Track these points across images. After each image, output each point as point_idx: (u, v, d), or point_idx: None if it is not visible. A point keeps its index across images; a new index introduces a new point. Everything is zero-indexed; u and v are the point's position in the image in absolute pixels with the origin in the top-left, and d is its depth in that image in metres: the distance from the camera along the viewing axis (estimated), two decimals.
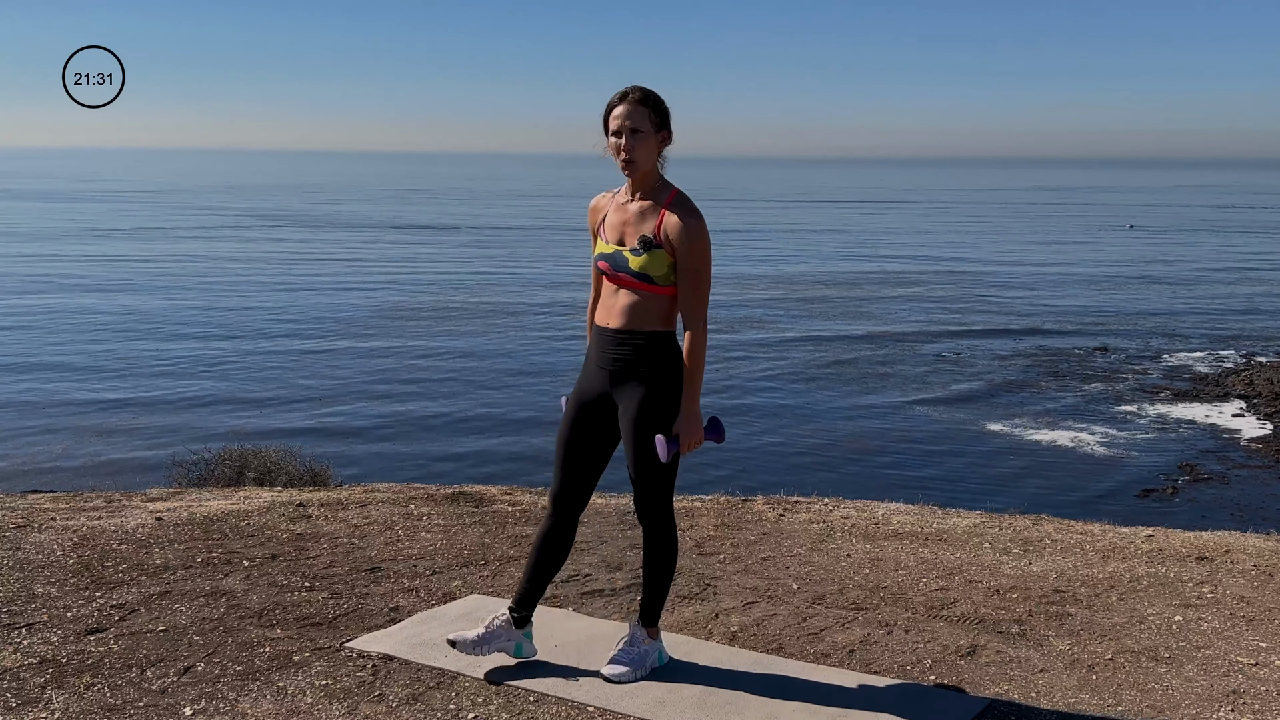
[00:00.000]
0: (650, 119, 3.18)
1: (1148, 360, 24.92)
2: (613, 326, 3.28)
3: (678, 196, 3.24)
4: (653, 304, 3.24)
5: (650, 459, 3.28)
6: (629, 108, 3.17)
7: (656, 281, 3.21)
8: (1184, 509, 14.55)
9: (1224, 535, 5.32)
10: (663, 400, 3.26)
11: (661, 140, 3.22)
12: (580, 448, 3.39)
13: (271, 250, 47.00)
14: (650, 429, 3.26)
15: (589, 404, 3.37)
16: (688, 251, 3.17)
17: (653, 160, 3.22)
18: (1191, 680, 3.49)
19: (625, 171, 3.22)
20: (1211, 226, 73.03)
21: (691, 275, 3.19)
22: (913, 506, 5.86)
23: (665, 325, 3.26)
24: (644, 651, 3.42)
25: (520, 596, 3.48)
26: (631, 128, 3.16)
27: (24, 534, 4.78)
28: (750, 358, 24.49)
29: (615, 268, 3.26)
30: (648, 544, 3.42)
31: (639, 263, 3.20)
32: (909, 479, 15.54)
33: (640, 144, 3.17)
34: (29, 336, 25.44)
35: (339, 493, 6.03)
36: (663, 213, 3.21)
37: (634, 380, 3.27)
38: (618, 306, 3.27)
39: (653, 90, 3.21)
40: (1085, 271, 43.43)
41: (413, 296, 33.77)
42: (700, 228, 3.18)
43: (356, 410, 19.51)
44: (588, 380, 3.38)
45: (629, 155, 3.17)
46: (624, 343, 3.26)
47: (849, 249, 53.00)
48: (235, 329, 27.00)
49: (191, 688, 3.29)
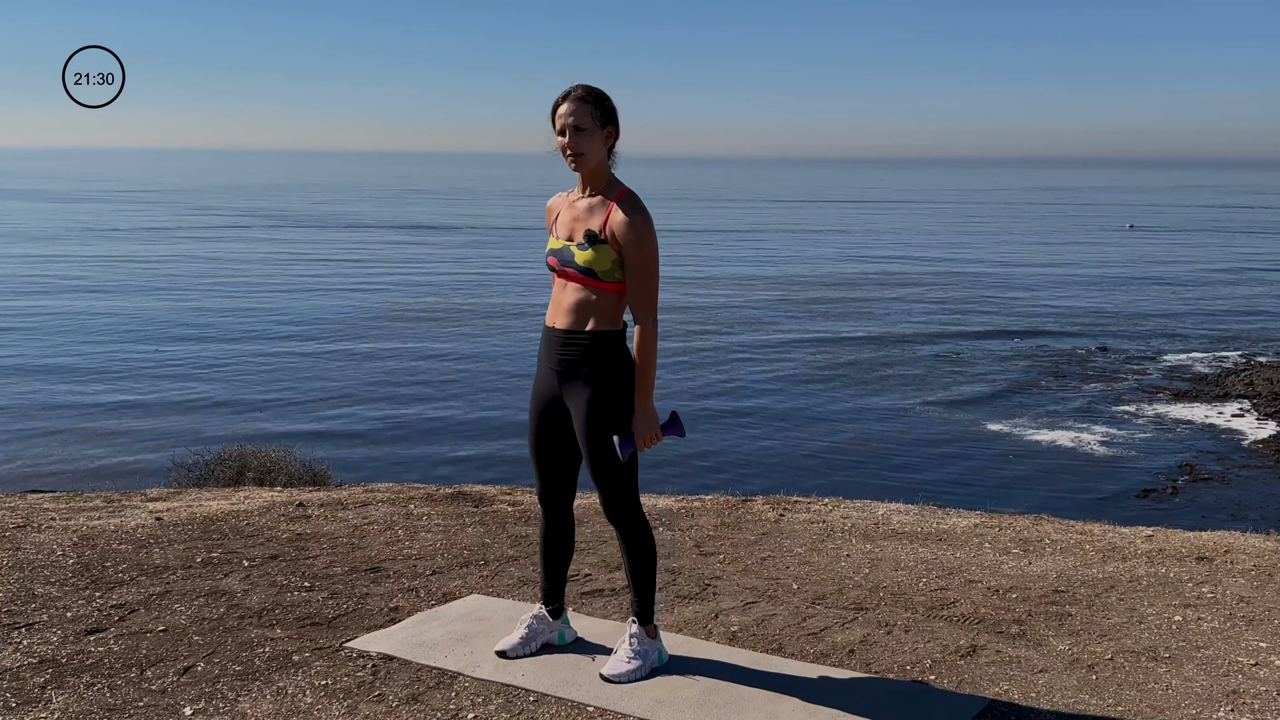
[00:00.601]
0: (594, 115, 3.22)
1: (1148, 360, 24.92)
2: (559, 326, 3.31)
3: (626, 194, 3.28)
4: (599, 302, 3.26)
5: (607, 460, 3.31)
6: (572, 105, 3.21)
7: (601, 277, 3.24)
8: (1184, 509, 14.55)
9: (1224, 535, 5.31)
10: (612, 400, 3.28)
11: (607, 136, 3.26)
12: (549, 447, 3.46)
13: (271, 251, 47.00)
14: (603, 430, 3.28)
15: (546, 405, 3.41)
16: (634, 248, 3.21)
17: (600, 156, 3.26)
18: (1191, 680, 3.49)
19: (573, 167, 3.26)
20: (1212, 226, 73.03)
21: (638, 272, 3.22)
22: (913, 506, 5.86)
23: (612, 324, 3.28)
24: (643, 651, 3.44)
25: (546, 592, 3.62)
26: (575, 125, 3.21)
27: (24, 534, 4.78)
28: (750, 358, 24.48)
29: (563, 262, 3.30)
30: (624, 545, 3.44)
31: (584, 257, 3.24)
32: (909, 479, 15.53)
33: (585, 140, 3.21)
34: (29, 338, 25.44)
35: (339, 493, 6.03)
36: (610, 208, 3.25)
37: (581, 381, 3.29)
38: (565, 305, 3.30)
39: (597, 88, 3.26)
40: (1085, 272, 43.44)
41: (413, 298, 33.78)
42: (646, 224, 3.22)
43: (356, 411, 19.51)
44: (540, 381, 3.42)
45: (575, 151, 3.22)
46: (570, 342, 3.29)
47: (849, 249, 53.01)
48: (235, 330, 27.00)
49: (191, 688, 3.29)
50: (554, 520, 3.55)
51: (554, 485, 3.51)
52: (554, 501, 3.53)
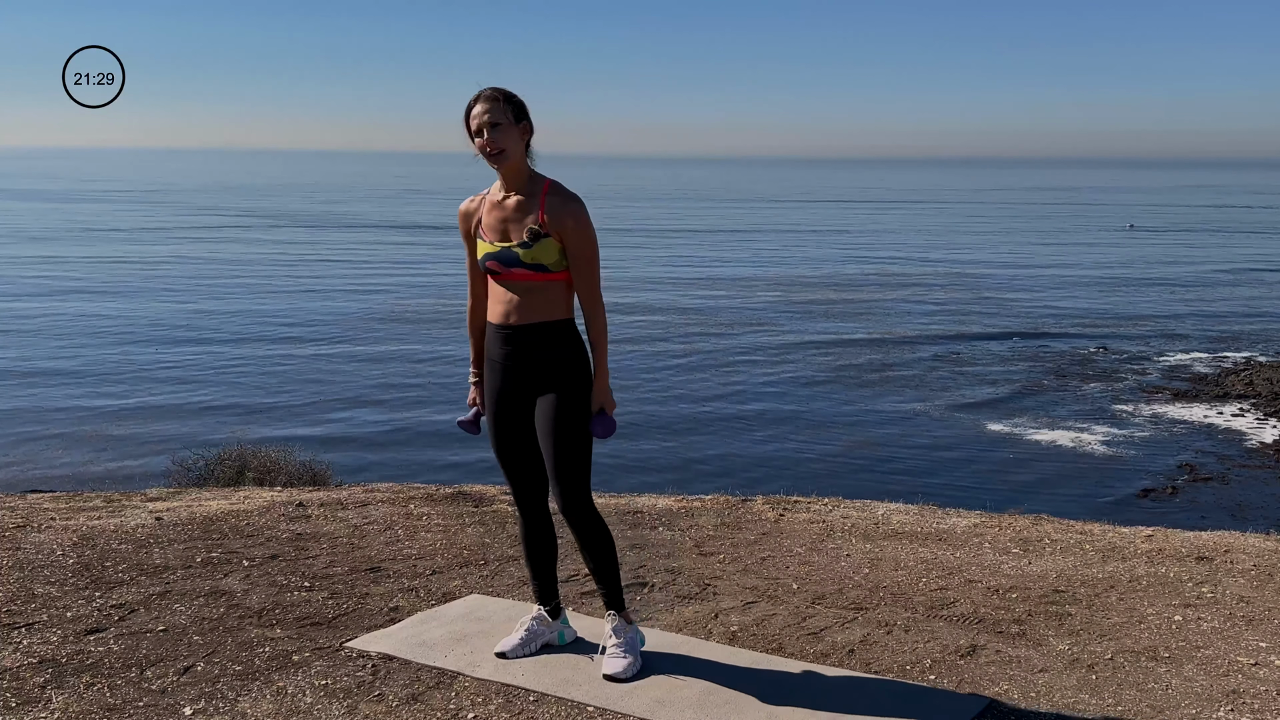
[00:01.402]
0: (507, 112, 3.25)
1: (1148, 360, 24.92)
2: (514, 322, 3.32)
3: (553, 185, 3.32)
4: (550, 293, 3.30)
5: (574, 449, 3.32)
6: (486, 105, 3.25)
7: (551, 269, 3.27)
8: (1184, 509, 14.56)
9: (1224, 535, 5.31)
10: (578, 388, 3.33)
11: (523, 131, 3.29)
12: (516, 448, 3.47)
13: (271, 253, 47.01)
14: (572, 418, 3.31)
15: (506, 406, 3.42)
16: (576, 235, 3.26)
17: (519, 151, 3.29)
18: (1191, 680, 3.49)
19: (494, 165, 3.29)
20: (1212, 226, 73.05)
21: (583, 256, 3.28)
22: (912, 506, 5.86)
23: (565, 313, 3.34)
24: (630, 640, 3.48)
25: (540, 593, 3.62)
26: (491, 122, 3.23)
27: (24, 534, 4.78)
28: (750, 358, 24.48)
29: (505, 264, 3.30)
30: (587, 541, 3.42)
31: (531, 254, 3.26)
32: (909, 479, 15.54)
33: (503, 136, 3.23)
34: (30, 341, 25.42)
35: (339, 493, 6.03)
36: (542, 201, 3.28)
37: (544, 372, 3.33)
38: (514, 302, 3.32)
39: (505, 88, 3.30)
40: (1086, 272, 43.45)
41: (413, 299, 33.79)
42: (582, 209, 3.27)
43: (356, 411, 19.52)
44: (498, 381, 3.41)
45: (494, 149, 3.24)
46: (528, 336, 3.32)
47: (849, 250, 53.01)
48: (235, 333, 27.00)
49: (191, 687, 3.29)
50: (533, 521, 3.56)
51: (527, 485, 3.52)
52: (530, 502, 3.54)
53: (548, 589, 3.61)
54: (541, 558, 3.58)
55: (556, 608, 3.63)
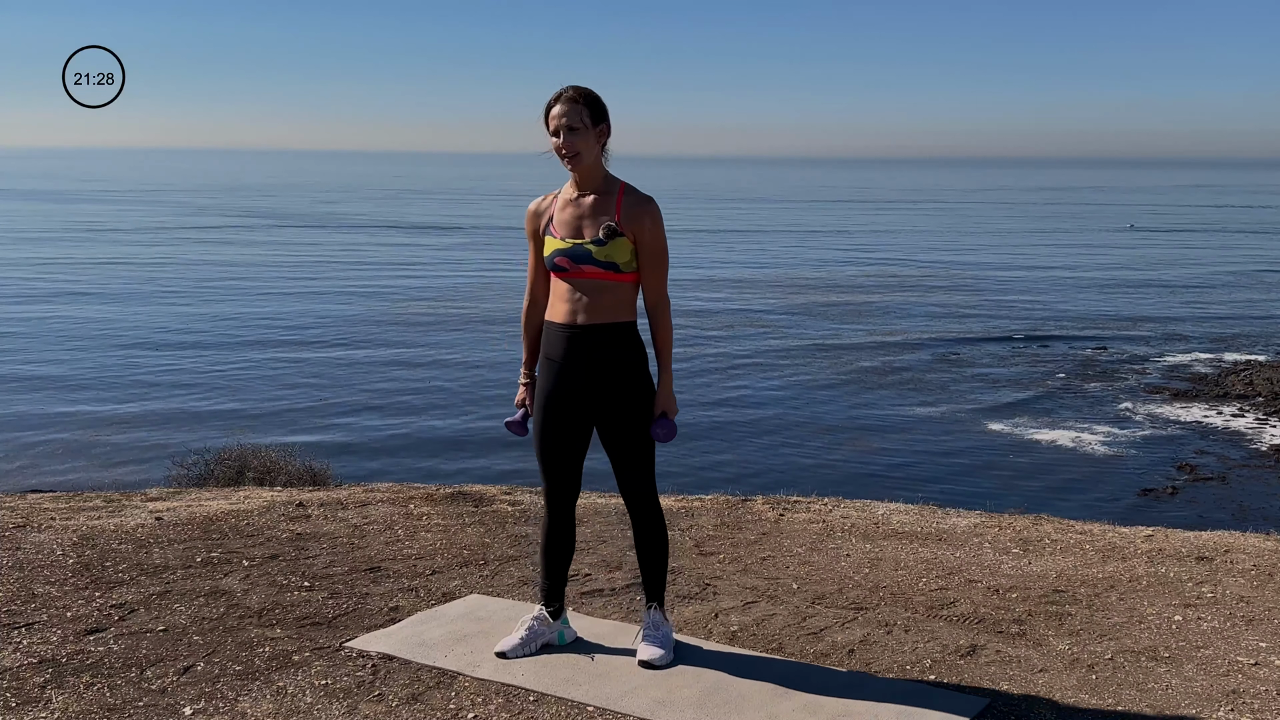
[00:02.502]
0: (586, 115, 3.29)
1: (1148, 361, 24.91)
2: (580, 322, 3.36)
3: (628, 187, 3.38)
4: (618, 294, 3.36)
5: (641, 444, 3.41)
6: (565, 106, 3.29)
7: (621, 269, 3.33)
8: (1184, 509, 14.55)
9: (1223, 535, 5.31)
10: (641, 389, 3.40)
11: (600, 134, 3.34)
12: (563, 447, 3.49)
13: (271, 254, 46.92)
14: (641, 418, 3.40)
15: (561, 404, 3.44)
16: (651, 235, 3.33)
17: (594, 154, 3.34)
18: (1191, 680, 3.49)
19: (569, 166, 3.34)
20: (1212, 226, 73.06)
21: (655, 256, 3.35)
22: (912, 506, 5.86)
23: (630, 315, 3.40)
24: (667, 633, 3.56)
25: (547, 593, 3.65)
26: (568, 125, 3.28)
27: (24, 534, 4.78)
28: (751, 358, 24.48)
29: (576, 260, 3.33)
30: (643, 531, 3.53)
31: (604, 252, 3.30)
32: (909, 479, 15.54)
33: (579, 139, 3.29)
34: (29, 344, 25.38)
35: (338, 492, 6.03)
36: (619, 201, 3.34)
37: (606, 373, 3.36)
38: (583, 302, 3.35)
39: (587, 88, 3.33)
40: (1086, 272, 43.44)
41: (414, 300, 33.78)
42: (656, 210, 3.35)
43: (356, 411, 19.50)
44: (554, 381, 3.43)
45: (569, 150, 3.29)
46: (594, 336, 3.35)
47: (849, 250, 53.01)
48: (235, 335, 26.92)
49: (191, 687, 3.29)
50: (559, 520, 3.59)
51: (564, 487, 3.55)
52: (562, 502, 3.57)
53: (556, 589, 3.64)
54: (559, 557, 3.62)
55: (559, 609, 3.65)
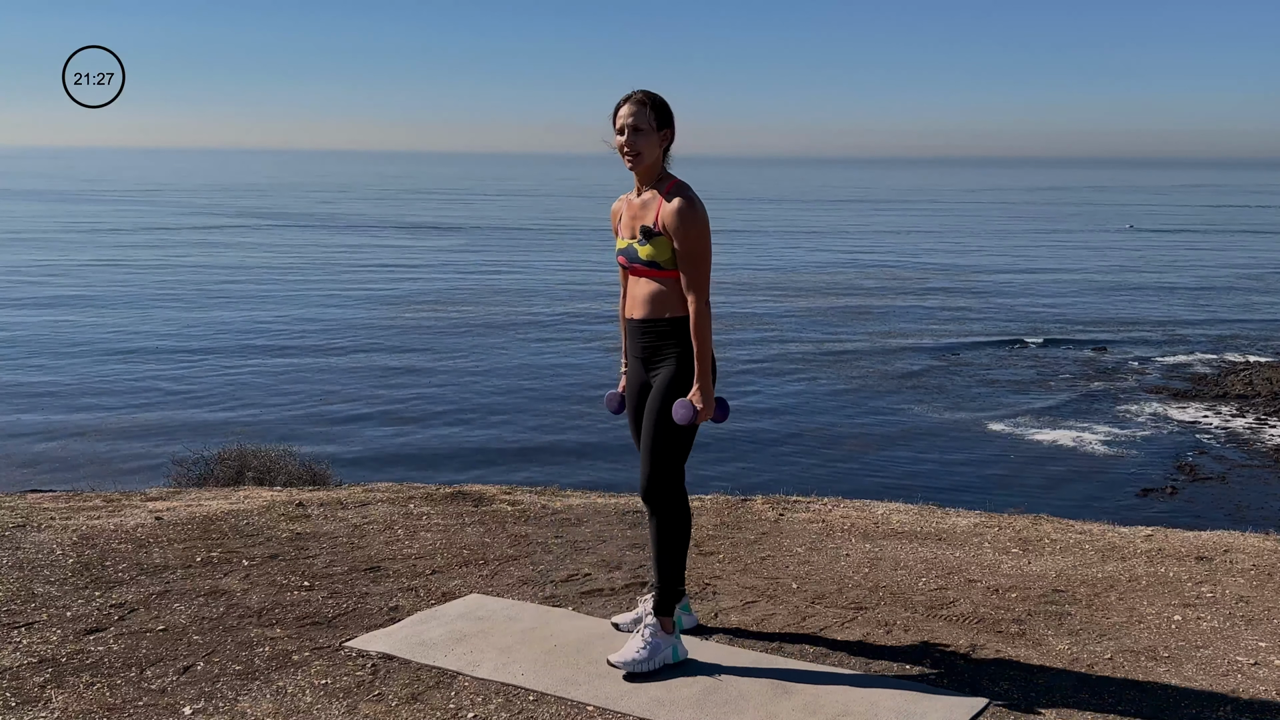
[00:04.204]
0: (650, 119, 3.40)
1: (1148, 361, 24.93)
2: (636, 317, 3.51)
3: (676, 185, 3.44)
4: (668, 290, 3.44)
5: (666, 430, 3.41)
6: (632, 108, 3.41)
7: (664, 266, 3.42)
8: (1183, 509, 14.56)
9: (1223, 535, 5.32)
10: (674, 377, 3.45)
11: (663, 138, 3.45)
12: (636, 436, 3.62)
13: (271, 256, 46.88)
14: (661, 404, 3.44)
15: (637, 394, 3.61)
16: (682, 234, 3.37)
17: (655, 155, 3.44)
18: (1191, 680, 3.49)
19: (629, 166, 3.45)
20: (1212, 227, 73.07)
21: (687, 254, 3.38)
22: (912, 506, 5.86)
23: (676, 310, 3.45)
24: (655, 643, 3.44)
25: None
26: (634, 126, 3.40)
27: (24, 534, 4.78)
28: (751, 358, 24.49)
29: (630, 259, 3.49)
30: (658, 525, 3.47)
31: (646, 251, 3.42)
32: (909, 478, 15.55)
33: (641, 140, 3.40)
34: (31, 347, 25.37)
35: (338, 492, 6.03)
36: (660, 201, 3.42)
37: (661, 363, 3.47)
38: (639, 297, 3.50)
39: (656, 93, 3.45)
40: (1086, 272, 43.46)
41: (413, 300, 33.78)
42: (691, 210, 3.37)
43: (356, 411, 19.51)
44: (630, 371, 3.65)
45: (632, 151, 3.40)
46: (648, 330, 3.49)
47: (849, 250, 53.03)
48: (235, 340, 26.85)
49: (191, 687, 3.29)
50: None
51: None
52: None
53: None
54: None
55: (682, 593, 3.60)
